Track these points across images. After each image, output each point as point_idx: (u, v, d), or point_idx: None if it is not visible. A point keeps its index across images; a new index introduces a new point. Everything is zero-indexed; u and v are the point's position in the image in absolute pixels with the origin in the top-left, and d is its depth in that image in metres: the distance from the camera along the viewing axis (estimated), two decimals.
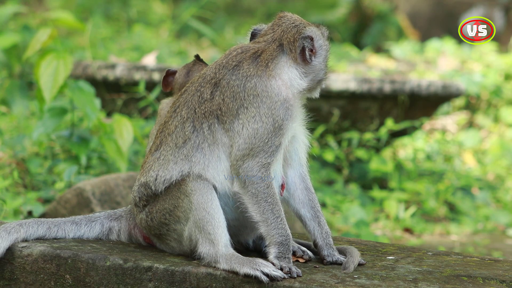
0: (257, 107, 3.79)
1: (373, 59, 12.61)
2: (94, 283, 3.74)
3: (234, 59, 3.89)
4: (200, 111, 3.85)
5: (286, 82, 3.86)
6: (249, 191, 3.75)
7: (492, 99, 11.37)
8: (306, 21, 3.99)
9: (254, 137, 3.77)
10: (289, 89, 3.85)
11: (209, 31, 10.94)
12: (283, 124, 3.79)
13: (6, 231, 3.86)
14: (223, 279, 3.62)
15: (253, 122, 3.78)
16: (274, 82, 3.83)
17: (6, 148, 6.79)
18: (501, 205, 8.69)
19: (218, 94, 3.84)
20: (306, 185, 3.98)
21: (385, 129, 8.57)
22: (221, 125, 3.82)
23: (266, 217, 3.74)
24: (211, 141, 3.81)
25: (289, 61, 3.91)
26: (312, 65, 3.93)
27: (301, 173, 3.97)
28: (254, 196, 3.75)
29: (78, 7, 15.81)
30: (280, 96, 3.81)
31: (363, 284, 3.53)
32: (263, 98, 3.80)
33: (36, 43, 6.29)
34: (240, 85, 3.83)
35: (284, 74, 3.87)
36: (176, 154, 3.84)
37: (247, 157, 3.76)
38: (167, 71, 4.45)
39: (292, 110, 3.82)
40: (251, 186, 3.75)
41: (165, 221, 3.84)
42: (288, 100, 3.82)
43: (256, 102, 3.80)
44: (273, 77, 3.84)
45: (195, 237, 3.77)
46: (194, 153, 3.81)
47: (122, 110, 8.11)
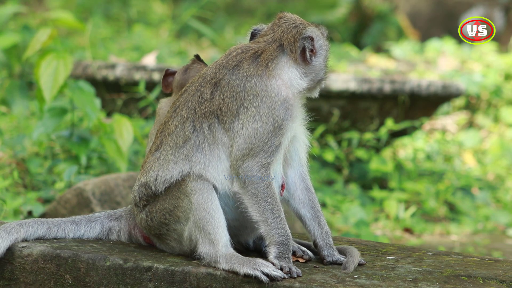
0: (257, 107, 3.79)
1: (373, 59, 12.61)
2: (94, 283, 3.74)
3: (234, 59, 3.89)
4: (200, 111, 3.85)
5: (286, 82, 3.85)
6: (249, 191, 3.75)
7: (492, 99, 11.36)
8: (305, 21, 3.99)
9: (254, 137, 3.76)
10: (289, 89, 3.85)
11: (209, 31, 10.93)
12: (283, 124, 3.78)
13: (6, 231, 3.86)
14: (223, 279, 3.62)
15: (253, 122, 3.78)
16: (274, 82, 3.83)
17: (6, 148, 6.79)
18: (501, 205, 8.69)
19: (218, 94, 3.84)
20: (306, 185, 3.97)
21: (385, 129, 8.57)
22: (221, 125, 3.81)
23: (266, 217, 3.74)
24: (211, 141, 3.81)
25: (290, 61, 3.90)
26: (312, 65, 3.93)
27: (301, 173, 3.97)
28: (254, 196, 3.75)
29: (78, 7, 15.81)
30: (280, 96, 3.81)
31: (363, 284, 3.53)
32: (263, 98, 3.80)
33: (36, 43, 6.28)
34: (240, 85, 3.82)
35: (284, 74, 3.87)
36: (176, 154, 3.84)
37: (247, 157, 3.76)
38: (166, 70, 4.42)
39: (292, 110, 3.82)
40: (251, 186, 3.75)
41: (165, 221, 3.84)
42: (288, 100, 3.82)
43: (256, 102, 3.80)
44: (273, 77, 3.84)
45: (195, 237, 3.77)
46: (194, 153, 3.81)
47: (122, 110, 8.11)
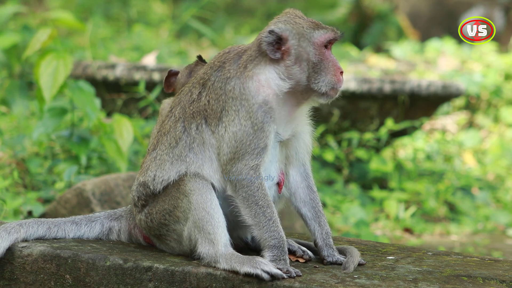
0: (236, 110, 3.72)
1: (373, 59, 12.61)
2: (94, 283, 3.74)
3: (220, 59, 3.83)
4: (189, 111, 3.82)
5: (263, 83, 3.75)
6: (240, 194, 3.71)
7: (492, 99, 11.36)
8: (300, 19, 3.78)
9: (235, 140, 3.71)
10: (269, 90, 3.73)
11: (209, 31, 10.93)
12: (263, 127, 3.70)
13: (6, 231, 3.86)
14: (223, 279, 3.61)
15: (233, 126, 3.72)
16: (251, 84, 3.74)
17: (6, 148, 6.79)
18: (501, 205, 8.69)
19: (205, 95, 3.80)
20: (308, 184, 3.94)
21: (385, 129, 8.57)
22: (208, 126, 3.77)
23: (258, 220, 3.70)
24: (199, 141, 3.77)
25: (268, 61, 3.77)
26: (288, 66, 3.77)
27: (303, 172, 3.93)
28: (245, 200, 3.71)
29: (78, 7, 15.81)
30: (257, 98, 3.72)
31: (363, 284, 3.53)
32: (242, 101, 3.72)
33: (36, 43, 6.28)
34: (222, 87, 3.77)
35: (262, 75, 3.75)
36: (170, 154, 3.82)
37: (234, 161, 3.71)
38: (169, 71, 4.41)
39: (272, 113, 3.72)
40: (241, 190, 3.71)
41: (165, 221, 3.83)
42: (267, 102, 3.72)
43: (235, 105, 3.72)
44: (251, 78, 3.74)
45: (194, 237, 3.76)
46: (187, 153, 3.78)
47: (122, 110, 8.11)
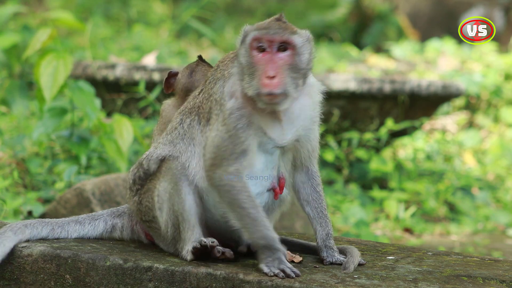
0: (216, 115, 3.68)
1: (373, 59, 12.61)
2: (94, 283, 3.74)
3: (222, 59, 3.82)
4: (188, 106, 3.85)
5: (234, 88, 3.67)
6: (224, 200, 3.68)
7: (492, 99, 11.36)
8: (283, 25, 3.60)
9: (213, 146, 3.67)
10: (241, 95, 3.65)
11: (209, 31, 10.93)
12: (237, 133, 3.63)
13: (13, 231, 3.86)
14: (223, 279, 3.61)
15: (213, 130, 3.68)
16: (227, 87, 3.69)
17: (6, 148, 6.79)
18: (501, 205, 8.69)
19: (201, 94, 3.81)
20: (312, 184, 3.90)
21: (385, 129, 8.57)
22: (199, 125, 3.76)
23: (244, 223, 3.65)
24: (189, 136, 3.77)
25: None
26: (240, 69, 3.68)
27: (307, 172, 3.89)
28: (229, 205, 3.67)
29: (78, 7, 15.80)
30: (230, 103, 3.66)
31: (363, 284, 3.53)
32: (221, 106, 3.67)
33: (36, 43, 6.28)
34: (211, 88, 3.75)
35: (233, 78, 3.70)
36: (165, 138, 3.85)
37: (214, 167, 3.66)
38: (169, 72, 4.38)
39: (246, 118, 3.64)
40: (225, 195, 3.66)
41: (148, 204, 3.83)
42: (240, 108, 3.65)
43: (216, 109, 3.69)
44: (228, 82, 3.70)
45: (172, 224, 3.77)
46: (179, 141, 3.79)
47: (122, 110, 8.11)
